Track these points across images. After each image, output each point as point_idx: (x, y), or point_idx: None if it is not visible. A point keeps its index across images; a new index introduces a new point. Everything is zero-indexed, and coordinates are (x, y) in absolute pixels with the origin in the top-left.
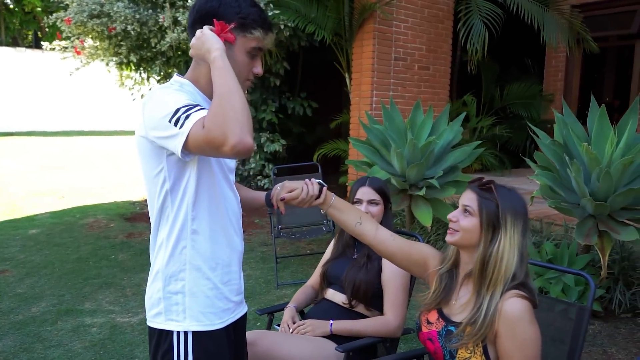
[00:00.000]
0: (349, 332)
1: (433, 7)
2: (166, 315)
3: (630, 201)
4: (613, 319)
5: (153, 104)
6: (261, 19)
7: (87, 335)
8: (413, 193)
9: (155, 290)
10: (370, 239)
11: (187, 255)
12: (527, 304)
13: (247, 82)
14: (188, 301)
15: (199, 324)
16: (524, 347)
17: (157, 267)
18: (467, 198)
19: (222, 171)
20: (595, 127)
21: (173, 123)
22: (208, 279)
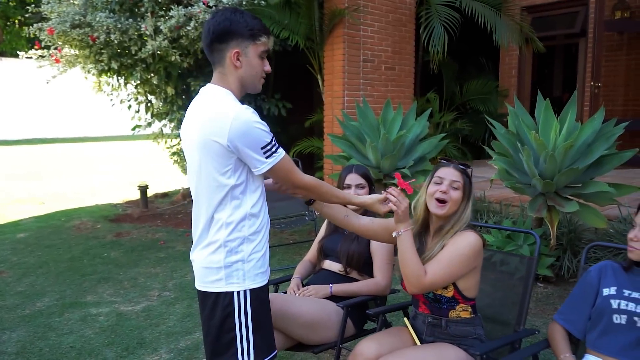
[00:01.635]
0: (346, 292)
1: (396, 11)
2: (227, 280)
3: (572, 179)
4: (563, 283)
5: (248, 127)
6: (264, 27)
7: (95, 323)
8: (387, 182)
9: (215, 261)
10: (356, 227)
11: (246, 232)
12: (477, 236)
13: (262, 80)
14: (246, 267)
15: (255, 282)
16: (453, 253)
17: (220, 242)
18: (453, 174)
19: None
20: (542, 117)
21: (263, 152)
22: (258, 249)
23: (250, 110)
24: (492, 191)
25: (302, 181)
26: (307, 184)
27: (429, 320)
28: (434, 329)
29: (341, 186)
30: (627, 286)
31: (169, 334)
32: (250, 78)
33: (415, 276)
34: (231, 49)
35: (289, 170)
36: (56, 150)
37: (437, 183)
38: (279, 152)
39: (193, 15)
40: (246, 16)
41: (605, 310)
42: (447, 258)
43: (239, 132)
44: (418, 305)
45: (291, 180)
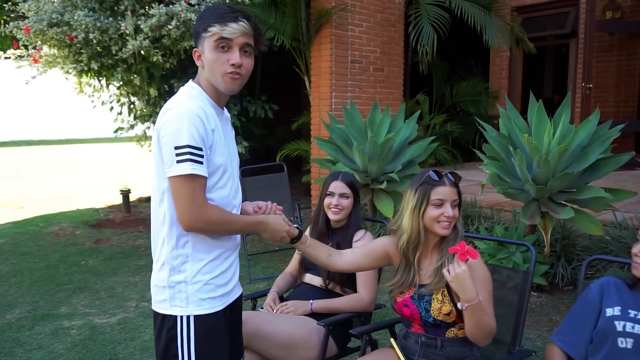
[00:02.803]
0: (328, 309)
1: (385, 11)
2: (171, 302)
3: (566, 184)
4: (557, 291)
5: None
6: (218, 15)
7: (67, 337)
8: (375, 187)
9: (161, 279)
10: (340, 265)
11: (189, 250)
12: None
13: (226, 77)
14: (190, 289)
15: (200, 308)
16: (484, 284)
17: (162, 259)
18: (453, 193)
19: (221, 176)
20: (535, 120)
21: (176, 153)
22: (208, 271)
23: (195, 106)
24: (483, 195)
25: (200, 218)
26: (208, 224)
27: (422, 340)
28: (427, 349)
29: (324, 193)
30: (632, 306)
31: (143, 349)
32: (212, 76)
33: (492, 332)
34: (195, 49)
35: (187, 196)
36: (39, 152)
37: (438, 206)
38: (187, 167)
39: (175, 14)
40: (209, 9)
41: (609, 333)
42: (488, 293)
43: (166, 123)
44: (411, 325)
45: (183, 211)
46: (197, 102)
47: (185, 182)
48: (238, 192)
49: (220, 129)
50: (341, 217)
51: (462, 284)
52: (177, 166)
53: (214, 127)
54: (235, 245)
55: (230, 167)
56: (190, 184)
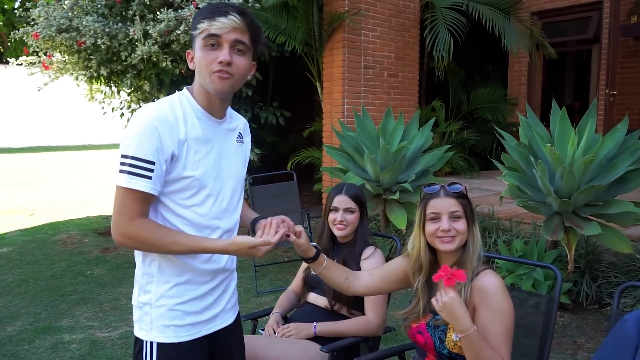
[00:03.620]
0: (333, 333)
1: (400, 16)
2: (139, 324)
3: (592, 198)
4: (581, 310)
5: (131, 125)
6: (208, 11)
7: (66, 352)
8: (387, 197)
9: (134, 298)
10: (357, 289)
11: (155, 269)
12: (500, 278)
13: (213, 76)
14: (154, 313)
15: (164, 335)
16: (501, 317)
17: (135, 277)
18: (449, 204)
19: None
20: (557, 128)
21: (120, 161)
22: (174, 294)
23: (158, 113)
24: (501, 207)
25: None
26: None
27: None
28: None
29: (328, 208)
30: None
31: None
32: (201, 77)
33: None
34: (188, 51)
35: (118, 207)
36: (52, 158)
37: (433, 219)
38: (124, 179)
39: (183, 18)
40: (205, 7)
41: None
42: (502, 329)
43: (127, 127)
44: (425, 355)
45: (113, 222)
46: (165, 111)
47: (119, 193)
48: (228, 211)
49: (202, 139)
50: (347, 233)
51: (451, 313)
52: (117, 175)
53: (184, 138)
54: (217, 270)
55: (213, 182)
56: (123, 195)
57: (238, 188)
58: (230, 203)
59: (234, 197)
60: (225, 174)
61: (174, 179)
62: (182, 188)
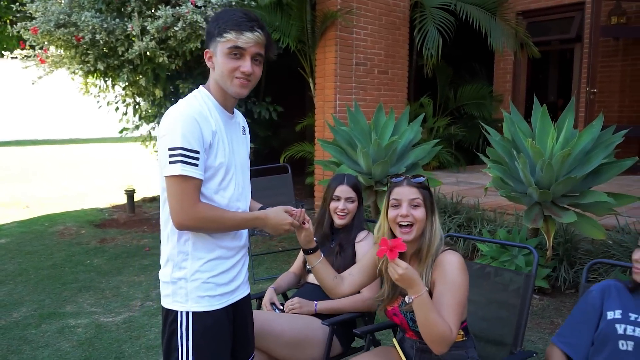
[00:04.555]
0: (332, 309)
1: (390, 14)
2: (173, 297)
3: (569, 188)
4: (559, 294)
5: (170, 121)
6: (234, 22)
7: (73, 336)
8: (378, 189)
9: (165, 275)
10: (342, 289)
11: (189, 248)
12: (459, 256)
13: (235, 80)
14: (190, 286)
15: (199, 305)
16: (455, 290)
17: (167, 255)
18: (410, 192)
19: (224, 177)
20: (538, 124)
21: (169, 154)
22: (206, 269)
23: (192, 109)
24: (486, 198)
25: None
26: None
27: (417, 346)
28: (423, 354)
29: (330, 197)
30: (633, 309)
31: (149, 348)
32: (222, 79)
33: (443, 337)
34: (206, 50)
35: (177, 196)
36: (44, 152)
37: (395, 206)
38: (178, 168)
39: (181, 15)
40: (226, 13)
41: (610, 336)
42: (453, 300)
43: (163, 125)
44: (405, 331)
45: (174, 210)
46: (197, 106)
47: (176, 182)
48: (244, 194)
49: (224, 131)
50: (347, 221)
51: (407, 281)
52: (169, 167)
53: (215, 129)
54: (240, 247)
55: (234, 168)
56: (181, 184)
57: (247, 174)
58: (245, 187)
59: (246, 182)
60: (239, 162)
61: (209, 166)
62: (213, 174)
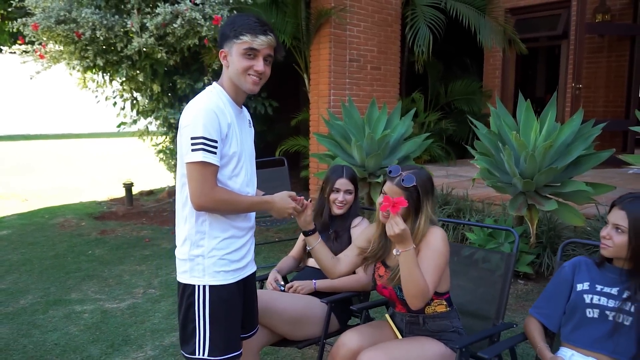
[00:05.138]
0: (330, 288)
1: (382, 12)
2: (190, 273)
3: (551, 178)
4: (543, 280)
5: (192, 113)
6: (249, 26)
7: (80, 320)
8: (372, 180)
9: (183, 253)
10: (340, 269)
11: (206, 228)
12: (442, 231)
13: (248, 77)
14: (207, 262)
15: (215, 279)
16: (435, 256)
17: (185, 234)
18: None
19: (236, 165)
20: (523, 118)
21: (192, 143)
22: (222, 247)
23: (211, 103)
24: (475, 190)
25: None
26: (215, 203)
27: (406, 319)
28: (412, 326)
29: (329, 189)
30: (599, 281)
31: (154, 331)
32: (236, 77)
33: (422, 292)
34: (221, 50)
35: (198, 181)
36: (40, 146)
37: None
38: (201, 155)
39: (180, 12)
40: (241, 18)
41: (579, 305)
42: (433, 263)
43: (185, 117)
44: (395, 305)
45: (194, 193)
46: (215, 100)
47: (197, 167)
48: (252, 181)
49: (236, 123)
50: (345, 211)
51: (401, 238)
52: (191, 154)
53: (230, 122)
54: (249, 227)
55: (244, 157)
56: (202, 169)
57: (254, 163)
58: (252, 174)
59: (253, 169)
60: (247, 151)
61: (224, 154)
62: (227, 162)
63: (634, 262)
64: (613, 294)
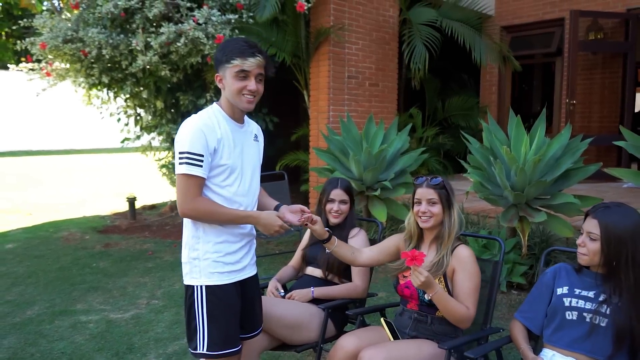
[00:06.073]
0: (327, 295)
1: (380, 30)
2: (190, 275)
3: (541, 191)
4: None
5: (183, 130)
6: (239, 50)
7: (85, 330)
8: (369, 194)
9: (184, 256)
10: (361, 260)
11: (201, 233)
12: (471, 251)
13: (243, 97)
14: (202, 264)
15: (209, 280)
16: (471, 278)
17: (185, 240)
18: (428, 193)
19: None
20: (513, 133)
21: (179, 157)
22: (216, 250)
23: (200, 122)
24: (471, 203)
25: (189, 207)
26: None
27: (415, 316)
28: (418, 324)
29: (325, 199)
30: (577, 285)
31: (157, 340)
32: (232, 97)
33: (463, 317)
34: (216, 74)
35: (182, 190)
36: (44, 162)
37: (417, 203)
38: (185, 168)
39: (183, 32)
40: (231, 43)
41: (559, 308)
42: (471, 285)
43: (177, 134)
44: (407, 303)
45: (179, 200)
46: (205, 119)
47: (182, 178)
48: (251, 191)
49: (231, 137)
50: (340, 221)
51: (426, 285)
52: (178, 167)
53: (220, 137)
54: (244, 234)
55: (240, 169)
56: (186, 180)
57: (255, 174)
58: (251, 185)
59: (253, 181)
60: (246, 164)
61: (214, 166)
62: (219, 173)
63: (607, 268)
64: (590, 297)
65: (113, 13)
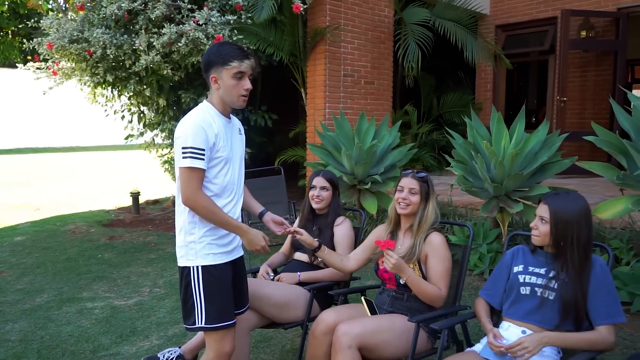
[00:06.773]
0: (313, 279)
1: (375, 30)
2: (186, 257)
3: (519, 184)
4: None
5: (183, 126)
6: (236, 53)
7: (91, 315)
8: (361, 187)
9: (180, 240)
10: (349, 267)
11: (197, 219)
12: (443, 236)
13: (240, 98)
14: (198, 247)
15: (205, 260)
16: (443, 262)
17: (181, 225)
18: (410, 183)
19: (223, 166)
20: (495, 129)
21: (182, 152)
22: (210, 234)
23: (199, 118)
24: (459, 197)
25: (191, 198)
26: (196, 204)
27: (393, 294)
28: (395, 301)
29: (309, 187)
30: (531, 264)
31: (159, 324)
32: (228, 96)
33: (435, 297)
34: (211, 75)
35: (185, 182)
36: (50, 159)
37: (399, 191)
38: (189, 162)
39: (184, 32)
40: (225, 47)
41: (514, 284)
42: (444, 269)
43: (178, 130)
44: (386, 284)
45: (182, 191)
46: (202, 115)
47: (185, 171)
48: (239, 180)
49: (224, 132)
50: (322, 206)
51: (398, 268)
52: (182, 161)
53: (217, 132)
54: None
55: (232, 159)
56: (189, 173)
57: (242, 165)
58: (240, 174)
59: (241, 170)
60: (235, 155)
61: (212, 158)
62: (216, 164)
63: (556, 247)
64: (541, 273)
65: (117, 14)
